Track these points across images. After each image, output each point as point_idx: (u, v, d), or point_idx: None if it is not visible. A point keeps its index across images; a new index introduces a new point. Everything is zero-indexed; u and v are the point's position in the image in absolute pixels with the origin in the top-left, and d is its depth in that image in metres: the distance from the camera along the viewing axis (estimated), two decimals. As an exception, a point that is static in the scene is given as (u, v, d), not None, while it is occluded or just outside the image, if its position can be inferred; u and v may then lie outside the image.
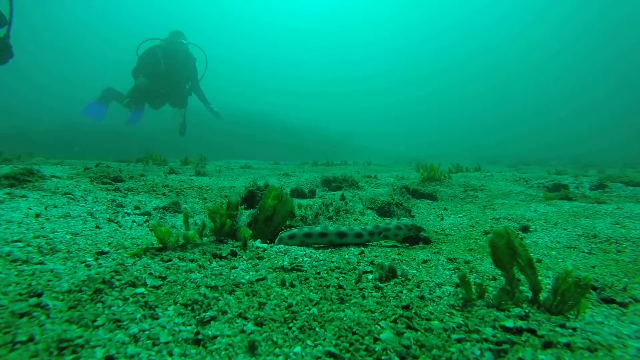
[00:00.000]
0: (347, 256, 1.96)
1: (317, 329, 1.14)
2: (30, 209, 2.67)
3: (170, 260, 1.67)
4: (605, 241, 2.53)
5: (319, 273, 1.65)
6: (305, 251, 1.97)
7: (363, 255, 2.01)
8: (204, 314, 1.19)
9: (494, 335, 1.15)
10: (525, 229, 2.89)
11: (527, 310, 1.33)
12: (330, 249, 2.18)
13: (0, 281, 1.30)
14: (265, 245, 2.01)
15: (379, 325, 1.18)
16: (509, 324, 1.22)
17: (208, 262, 1.69)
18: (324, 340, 1.08)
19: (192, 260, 1.69)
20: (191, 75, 12.58)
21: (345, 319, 1.21)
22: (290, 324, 1.16)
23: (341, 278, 1.60)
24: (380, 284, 1.54)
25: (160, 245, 1.85)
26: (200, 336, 1.06)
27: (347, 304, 1.34)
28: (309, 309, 1.27)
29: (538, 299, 1.42)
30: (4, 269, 1.42)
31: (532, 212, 3.47)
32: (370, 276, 1.63)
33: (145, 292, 1.32)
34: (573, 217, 3.19)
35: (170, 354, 0.97)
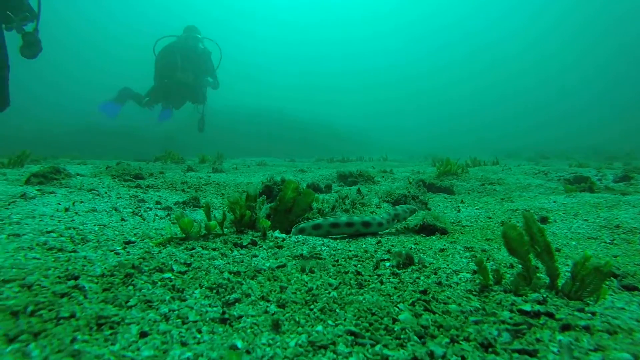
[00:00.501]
0: (364, 245, 1.99)
1: (337, 310, 1.18)
2: (59, 204, 2.81)
3: (193, 248, 1.74)
4: (629, 231, 2.47)
5: (337, 261, 1.69)
6: (323, 241, 2.02)
7: (380, 244, 2.04)
8: (228, 296, 1.25)
9: (511, 318, 1.17)
10: (544, 220, 2.85)
11: (545, 295, 1.34)
12: (347, 240, 2.23)
13: (40, 266, 1.39)
14: (284, 236, 2.06)
15: (398, 307, 1.22)
16: (527, 307, 1.23)
17: (230, 251, 1.75)
18: (345, 320, 1.12)
19: (214, 249, 1.76)
20: (208, 70, 12.79)
21: (364, 301, 1.25)
22: (312, 306, 1.21)
23: (359, 265, 1.64)
24: (397, 271, 1.57)
25: (184, 235, 1.93)
26: (226, 316, 1.11)
27: (365, 289, 1.38)
28: (329, 293, 1.31)
29: (556, 285, 1.42)
30: (42, 256, 1.52)
31: (551, 204, 3.41)
32: (387, 263, 1.66)
33: (172, 277, 1.39)
34: (594, 208, 3.13)
35: (199, 331, 1.03)
